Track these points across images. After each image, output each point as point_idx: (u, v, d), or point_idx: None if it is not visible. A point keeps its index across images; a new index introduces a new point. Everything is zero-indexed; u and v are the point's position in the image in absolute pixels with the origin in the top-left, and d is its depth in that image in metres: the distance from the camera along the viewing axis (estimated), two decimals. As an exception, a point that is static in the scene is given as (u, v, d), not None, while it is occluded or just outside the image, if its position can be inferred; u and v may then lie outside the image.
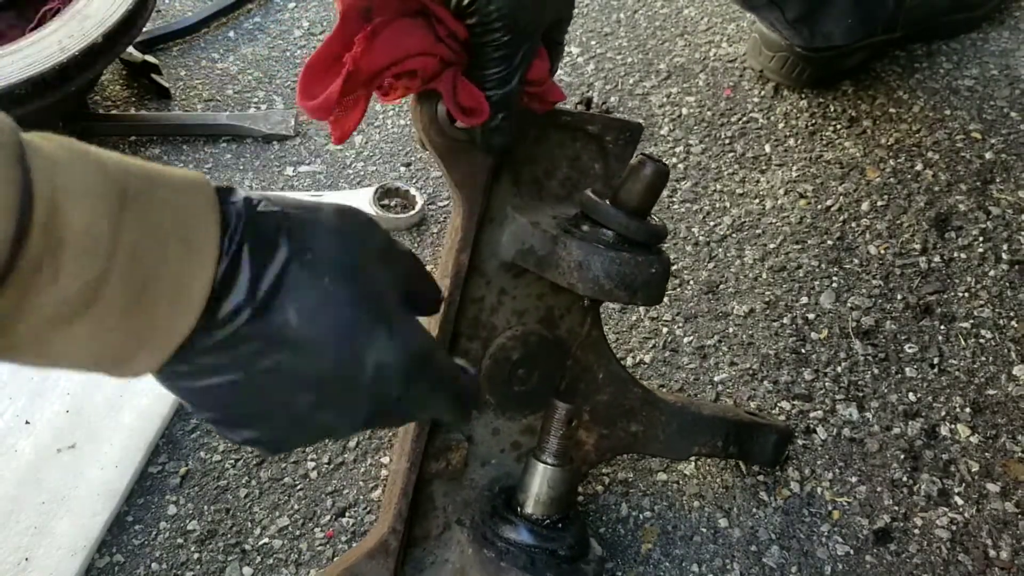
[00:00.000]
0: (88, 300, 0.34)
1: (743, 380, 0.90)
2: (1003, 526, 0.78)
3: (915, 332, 0.93)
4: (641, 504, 0.81)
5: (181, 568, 0.77)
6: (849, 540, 0.78)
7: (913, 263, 1.00)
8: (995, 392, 0.88)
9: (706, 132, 1.18)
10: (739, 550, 0.77)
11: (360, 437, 0.86)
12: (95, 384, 0.87)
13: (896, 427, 0.86)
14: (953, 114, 1.16)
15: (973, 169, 1.09)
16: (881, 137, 1.15)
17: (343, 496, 0.82)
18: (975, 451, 0.83)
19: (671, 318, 0.96)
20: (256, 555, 0.78)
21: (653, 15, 1.38)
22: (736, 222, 1.06)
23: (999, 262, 0.99)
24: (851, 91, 1.22)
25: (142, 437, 0.84)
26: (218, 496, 0.82)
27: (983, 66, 1.22)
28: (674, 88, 1.25)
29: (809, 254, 1.02)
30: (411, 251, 0.48)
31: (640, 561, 0.77)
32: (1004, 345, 0.92)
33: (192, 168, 1.16)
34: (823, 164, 1.13)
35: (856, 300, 0.97)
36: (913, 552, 0.77)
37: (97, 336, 0.36)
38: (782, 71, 1.19)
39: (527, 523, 0.68)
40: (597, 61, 1.31)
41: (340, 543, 0.78)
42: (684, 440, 0.77)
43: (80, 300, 0.34)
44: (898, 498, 0.80)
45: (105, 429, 0.84)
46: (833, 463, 0.83)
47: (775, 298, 0.98)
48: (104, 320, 0.35)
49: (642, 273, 0.60)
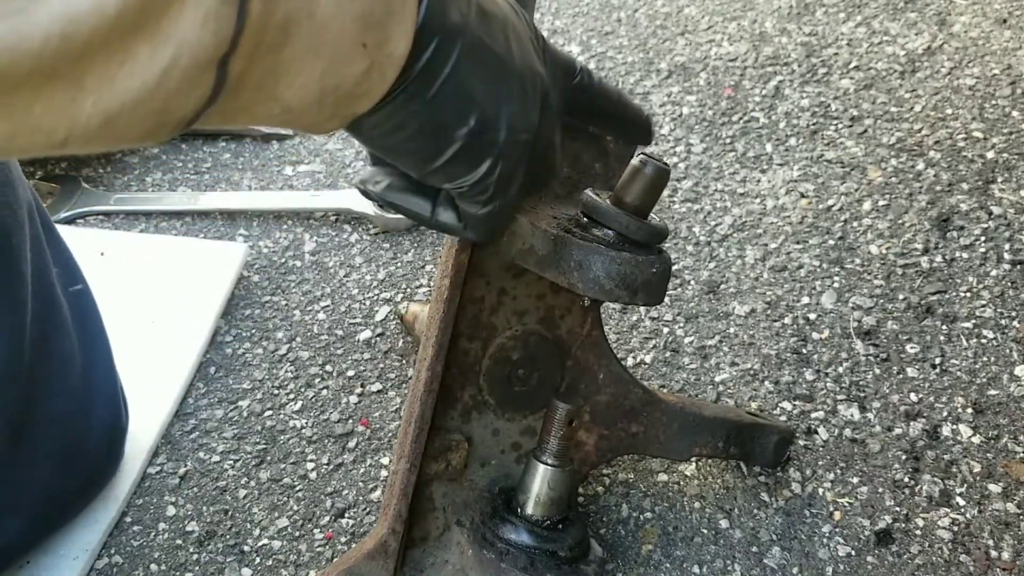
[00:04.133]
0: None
1: (744, 380, 0.90)
2: (1005, 527, 0.78)
3: (917, 332, 0.93)
4: (642, 505, 0.80)
5: (180, 569, 0.76)
6: (851, 541, 0.77)
7: (915, 263, 1.00)
8: (997, 392, 0.87)
9: (707, 131, 1.18)
10: (740, 551, 0.77)
11: (360, 438, 0.86)
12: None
13: (898, 428, 0.85)
14: (955, 113, 1.16)
15: (975, 168, 1.09)
16: (883, 136, 1.15)
17: (342, 497, 0.81)
18: (977, 452, 0.83)
19: (672, 318, 0.96)
20: (255, 556, 0.77)
21: (654, 14, 1.38)
22: (737, 222, 1.06)
23: (1001, 262, 0.99)
24: (852, 90, 1.21)
25: (143, 440, 0.84)
26: (217, 497, 0.81)
27: (984, 65, 1.22)
28: (675, 87, 1.25)
29: (810, 254, 1.02)
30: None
31: (641, 562, 0.76)
32: (1006, 345, 0.91)
33: (191, 167, 1.16)
34: (824, 163, 1.12)
35: (857, 300, 0.96)
36: (915, 553, 0.76)
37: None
38: None
39: (527, 524, 0.68)
40: (597, 60, 1.31)
41: (339, 544, 0.78)
42: (685, 441, 0.77)
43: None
44: (900, 499, 0.80)
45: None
46: (834, 464, 0.83)
47: (776, 298, 0.97)
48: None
49: (643, 273, 0.60)
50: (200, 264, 1.00)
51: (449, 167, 0.46)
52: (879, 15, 1.36)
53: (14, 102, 0.30)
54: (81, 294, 0.76)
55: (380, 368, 0.92)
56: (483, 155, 0.47)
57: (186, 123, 0.36)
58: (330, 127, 0.43)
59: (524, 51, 0.48)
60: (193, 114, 0.35)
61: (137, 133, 0.34)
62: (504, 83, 0.46)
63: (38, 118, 0.31)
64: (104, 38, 0.30)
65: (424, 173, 0.48)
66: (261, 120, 0.40)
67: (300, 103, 0.39)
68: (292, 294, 1.00)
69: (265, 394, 0.90)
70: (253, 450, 0.85)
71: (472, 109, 0.45)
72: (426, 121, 0.44)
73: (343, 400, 0.89)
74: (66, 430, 0.72)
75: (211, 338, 0.94)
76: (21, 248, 0.66)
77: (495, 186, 0.48)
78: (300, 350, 0.94)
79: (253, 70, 0.36)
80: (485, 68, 0.45)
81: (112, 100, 0.32)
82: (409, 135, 0.44)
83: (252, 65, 0.35)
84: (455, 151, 0.46)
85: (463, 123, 0.45)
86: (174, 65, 0.32)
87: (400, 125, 0.44)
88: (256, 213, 1.09)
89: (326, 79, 0.39)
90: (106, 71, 0.31)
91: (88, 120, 0.32)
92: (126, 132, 0.34)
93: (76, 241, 0.81)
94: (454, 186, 0.48)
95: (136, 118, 0.33)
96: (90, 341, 0.76)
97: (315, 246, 1.05)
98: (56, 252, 0.73)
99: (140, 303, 0.96)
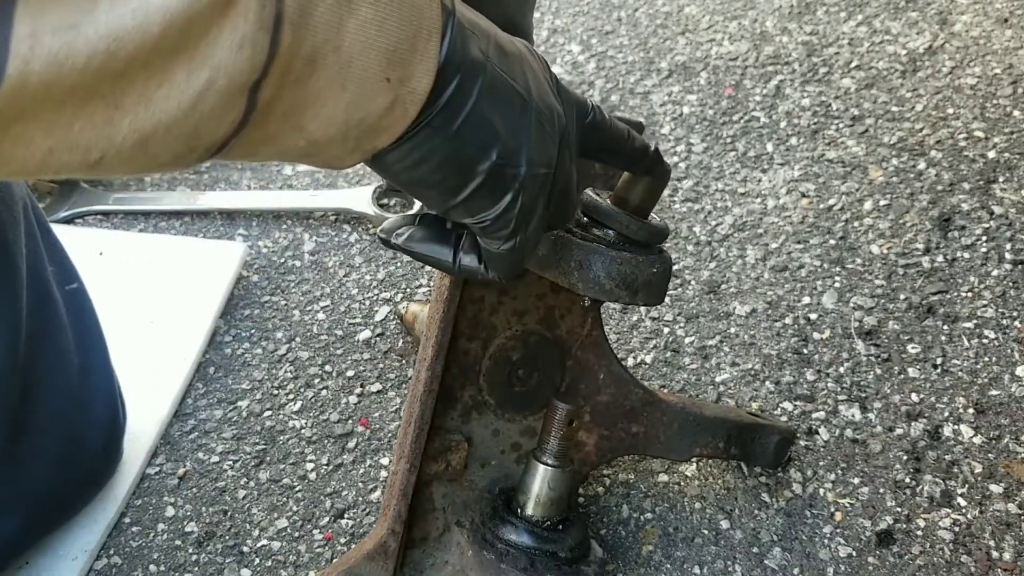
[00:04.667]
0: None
1: (745, 381, 0.90)
2: (1006, 527, 0.77)
3: (918, 332, 0.93)
4: (642, 505, 0.80)
5: (179, 570, 0.76)
6: (852, 542, 0.77)
7: (916, 263, 0.99)
8: (998, 393, 0.87)
9: (708, 131, 1.18)
10: (741, 552, 0.77)
11: (359, 438, 0.85)
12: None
13: (899, 428, 0.85)
14: (956, 113, 1.16)
15: (976, 168, 1.09)
16: (884, 136, 1.15)
17: (342, 498, 0.81)
18: (978, 452, 0.83)
19: (672, 318, 0.96)
20: (255, 557, 0.77)
21: (654, 13, 1.38)
22: (738, 221, 1.06)
23: (1002, 262, 0.98)
24: (854, 89, 1.21)
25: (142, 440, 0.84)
26: (216, 497, 0.81)
27: (986, 64, 1.22)
28: (675, 87, 1.25)
29: (811, 254, 1.01)
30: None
31: (641, 563, 0.76)
32: (1007, 345, 0.91)
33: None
34: (825, 163, 1.12)
35: (859, 300, 0.96)
36: (916, 554, 0.76)
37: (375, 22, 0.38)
38: None
39: (527, 525, 0.67)
40: (598, 59, 1.30)
41: (339, 545, 0.78)
42: (685, 441, 0.77)
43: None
44: (901, 499, 0.80)
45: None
46: (835, 464, 0.83)
47: (777, 298, 0.97)
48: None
49: (643, 273, 0.60)
50: (199, 264, 1.00)
51: (471, 201, 0.47)
52: (880, 14, 1.35)
53: (57, 118, 0.31)
54: (77, 293, 0.76)
55: (380, 368, 0.92)
56: (505, 189, 0.47)
57: (215, 149, 0.36)
58: (351, 162, 0.43)
59: (541, 88, 0.49)
60: (223, 140, 0.36)
61: (167, 157, 0.35)
62: (524, 118, 0.47)
63: (77, 135, 0.31)
64: (146, 58, 0.31)
65: (447, 208, 0.48)
66: (285, 153, 0.41)
67: (324, 135, 0.40)
68: (291, 294, 0.99)
69: (264, 394, 0.89)
70: (252, 450, 0.85)
71: (494, 143, 0.45)
72: (449, 155, 0.45)
73: (343, 400, 0.89)
74: (63, 428, 0.72)
75: (210, 338, 0.94)
76: (16, 243, 0.66)
77: (516, 220, 0.48)
78: (299, 350, 0.93)
79: (281, 98, 0.36)
80: (505, 103, 0.46)
81: (148, 121, 0.32)
82: (432, 168, 0.45)
83: (281, 93, 0.36)
84: (477, 185, 0.46)
85: (485, 157, 0.45)
86: (209, 88, 0.33)
87: (423, 159, 0.44)
88: (255, 213, 1.08)
89: (351, 112, 0.39)
90: (145, 91, 0.32)
91: (123, 140, 0.33)
92: (158, 155, 0.34)
93: (75, 241, 0.81)
94: (476, 220, 0.48)
95: (169, 141, 0.34)
96: (86, 340, 0.75)
97: (314, 246, 1.05)
98: (51, 251, 0.73)
99: (139, 303, 0.95)
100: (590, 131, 0.54)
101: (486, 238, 0.50)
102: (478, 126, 0.45)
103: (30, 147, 0.31)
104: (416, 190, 0.48)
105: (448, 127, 0.44)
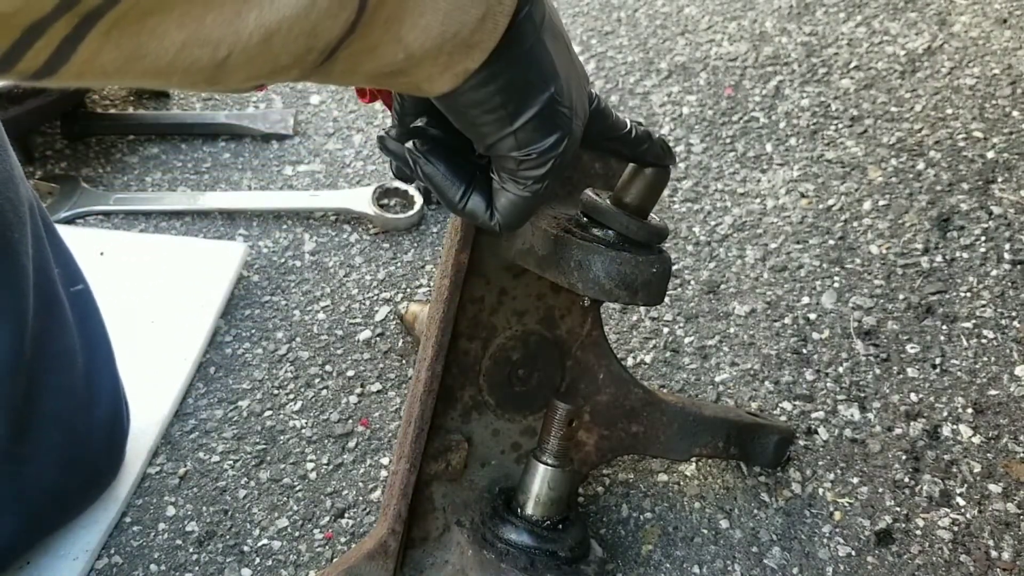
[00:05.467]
0: None
1: (744, 380, 0.90)
2: (1005, 527, 0.77)
3: (917, 332, 0.93)
4: (642, 505, 0.80)
5: (180, 569, 0.76)
6: (851, 541, 0.77)
7: (915, 263, 1.00)
8: (997, 392, 0.87)
9: (707, 131, 1.18)
10: (740, 551, 0.77)
11: (359, 438, 0.86)
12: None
13: (898, 428, 0.85)
14: (955, 113, 1.16)
15: (975, 168, 1.09)
16: (883, 136, 1.15)
17: (342, 497, 0.81)
18: (977, 452, 0.83)
19: (672, 318, 0.96)
20: (255, 556, 0.77)
21: (654, 13, 1.38)
22: (737, 222, 1.06)
23: (1001, 262, 0.99)
24: (853, 90, 1.21)
25: (143, 440, 0.84)
26: (217, 497, 0.81)
27: (984, 65, 1.22)
28: (675, 87, 1.25)
29: (810, 254, 1.02)
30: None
31: (641, 562, 0.76)
32: (1006, 345, 0.91)
33: (191, 167, 1.16)
34: (825, 163, 1.12)
35: (858, 300, 0.96)
36: (915, 553, 0.76)
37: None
38: None
39: (527, 524, 0.67)
40: (598, 60, 1.31)
41: (339, 544, 0.78)
42: (685, 441, 0.77)
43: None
44: (900, 499, 0.80)
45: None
46: (835, 464, 0.83)
47: (776, 298, 0.97)
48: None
49: (643, 273, 0.60)
50: (200, 264, 1.00)
51: (523, 132, 0.48)
52: (879, 15, 1.36)
53: (191, 9, 0.32)
54: (82, 294, 0.76)
55: (380, 368, 0.92)
56: (556, 125, 0.48)
57: (328, 52, 0.38)
58: (440, 85, 0.44)
59: (572, 48, 0.51)
60: (337, 40, 0.37)
61: (287, 59, 0.36)
62: (571, 65, 0.49)
63: (208, 29, 0.33)
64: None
65: (499, 136, 0.48)
66: (383, 68, 0.42)
67: (421, 48, 0.41)
68: (292, 294, 1.00)
69: (265, 394, 0.90)
70: (253, 450, 0.85)
71: (553, 76, 0.47)
72: (516, 78, 0.46)
73: (343, 400, 0.89)
74: (67, 429, 0.72)
75: (211, 338, 0.94)
76: (22, 244, 0.66)
77: (555, 160, 0.49)
78: (300, 350, 0.94)
79: (386, 2, 0.38)
80: (560, 42, 0.48)
81: (273, 16, 0.34)
82: (496, 90, 0.46)
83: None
84: (533, 114, 0.47)
85: (545, 87, 0.47)
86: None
87: (492, 78, 0.45)
88: (256, 213, 1.09)
89: (447, 23, 0.41)
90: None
91: (250, 36, 0.34)
92: (279, 55, 0.36)
93: (76, 241, 0.81)
94: (523, 153, 0.48)
95: (291, 38, 0.35)
96: (91, 341, 0.76)
97: (315, 246, 1.05)
98: (57, 252, 0.73)
99: (140, 303, 0.96)
100: (596, 117, 0.54)
101: (519, 175, 0.50)
102: (543, 54, 0.46)
103: (164, 40, 0.32)
104: (473, 115, 0.47)
105: (521, 48, 0.45)
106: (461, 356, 0.68)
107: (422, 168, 0.52)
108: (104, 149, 1.18)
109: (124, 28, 0.31)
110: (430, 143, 0.52)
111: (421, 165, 0.52)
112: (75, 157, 1.16)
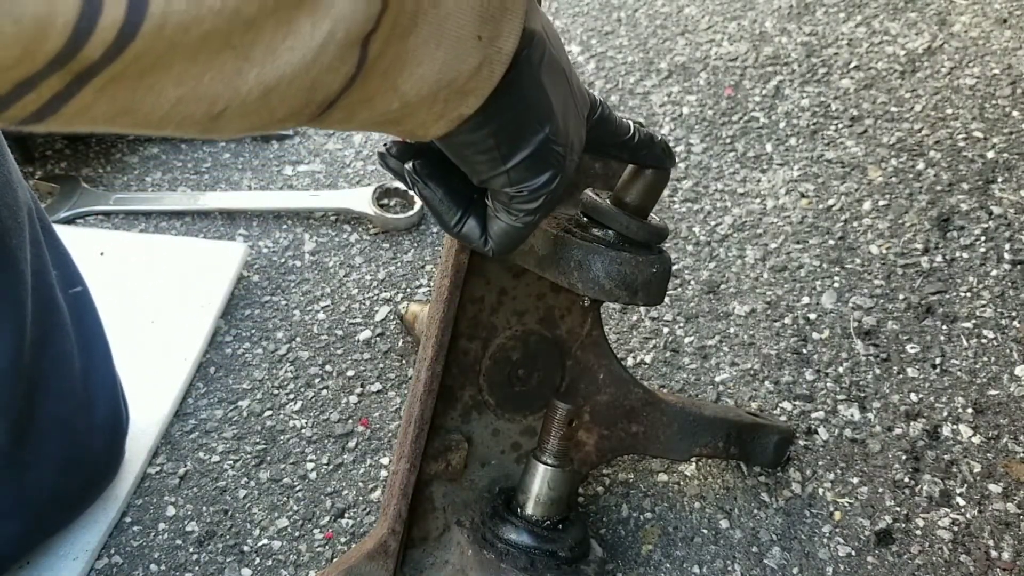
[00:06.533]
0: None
1: (744, 380, 0.90)
2: (1005, 527, 0.77)
3: (917, 332, 0.93)
4: (642, 505, 0.80)
5: (180, 569, 0.76)
6: (851, 541, 0.77)
7: (915, 263, 1.00)
8: (997, 392, 0.87)
9: (707, 131, 1.18)
10: (740, 551, 0.77)
11: (359, 438, 0.86)
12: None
13: (898, 428, 0.85)
14: (955, 113, 1.16)
15: (975, 168, 1.09)
16: (883, 136, 1.15)
17: (342, 497, 0.81)
18: (977, 452, 0.83)
19: (672, 318, 0.96)
20: (255, 556, 0.77)
21: (654, 14, 1.38)
22: (737, 222, 1.06)
23: (1001, 262, 0.99)
24: (853, 90, 1.21)
25: (143, 440, 0.84)
26: (217, 497, 0.81)
27: (984, 65, 1.22)
28: (675, 87, 1.25)
29: (810, 254, 1.02)
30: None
31: (641, 562, 0.76)
32: (1006, 345, 0.91)
33: (191, 167, 1.16)
34: (825, 163, 1.12)
35: (858, 300, 0.96)
36: (915, 553, 0.76)
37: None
38: None
39: (527, 524, 0.67)
40: (598, 60, 1.31)
41: (339, 544, 0.78)
42: (685, 441, 0.77)
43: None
44: (900, 499, 0.80)
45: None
46: (835, 464, 0.83)
47: (776, 298, 0.97)
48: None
49: (643, 273, 0.60)
50: (200, 264, 1.00)
51: (516, 171, 0.48)
52: (879, 15, 1.35)
53: (190, 68, 0.31)
54: (80, 296, 0.76)
55: (380, 368, 0.92)
56: (548, 164, 0.48)
57: (326, 105, 0.38)
58: (435, 131, 0.44)
59: (575, 75, 0.50)
60: (335, 94, 0.37)
61: (284, 112, 0.36)
62: (568, 99, 0.48)
63: (206, 86, 0.32)
64: (274, 6, 0.32)
65: (491, 175, 0.48)
66: (377, 117, 0.41)
67: (416, 96, 0.41)
68: (292, 294, 1.00)
69: (265, 394, 0.90)
70: (253, 450, 0.85)
71: (549, 116, 0.47)
72: (509, 122, 0.46)
73: (343, 400, 0.89)
74: (67, 432, 0.72)
75: (211, 338, 0.94)
76: (21, 249, 0.66)
77: (546, 196, 0.49)
78: (300, 350, 0.94)
79: (385, 54, 0.38)
80: (559, 81, 0.47)
81: (273, 73, 0.34)
82: (490, 132, 0.46)
83: (386, 48, 0.37)
84: (526, 155, 0.47)
85: (540, 128, 0.47)
86: (331, 40, 0.34)
87: (486, 122, 0.45)
88: (256, 213, 1.09)
89: (443, 72, 0.40)
90: (272, 42, 0.33)
91: (249, 92, 0.34)
92: (276, 108, 0.35)
93: (76, 241, 0.81)
94: (516, 190, 0.49)
95: (290, 94, 0.35)
96: (89, 343, 0.76)
97: (315, 246, 1.05)
98: (55, 254, 0.73)
99: (140, 303, 0.96)
100: (599, 125, 0.54)
101: (511, 209, 0.50)
102: (540, 97, 0.46)
103: (160, 96, 0.32)
104: (466, 155, 0.48)
105: (518, 92, 0.45)
106: (461, 356, 0.68)
107: (420, 191, 0.53)
108: (104, 149, 1.18)
109: (120, 83, 0.31)
110: (429, 167, 0.52)
111: (420, 188, 0.52)
112: (75, 157, 1.16)
